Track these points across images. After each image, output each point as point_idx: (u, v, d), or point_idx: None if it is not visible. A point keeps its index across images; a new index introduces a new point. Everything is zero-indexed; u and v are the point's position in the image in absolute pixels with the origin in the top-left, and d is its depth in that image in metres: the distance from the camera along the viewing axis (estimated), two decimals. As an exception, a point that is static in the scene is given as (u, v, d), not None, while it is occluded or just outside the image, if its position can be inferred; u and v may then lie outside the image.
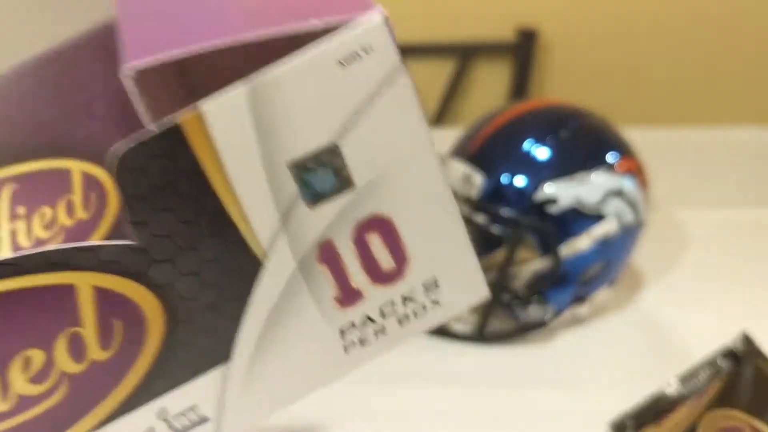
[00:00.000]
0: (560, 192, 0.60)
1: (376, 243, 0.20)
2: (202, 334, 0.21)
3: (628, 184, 0.62)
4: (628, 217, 0.62)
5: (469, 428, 0.55)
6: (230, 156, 0.18)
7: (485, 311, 0.64)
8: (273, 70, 0.17)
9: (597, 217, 0.61)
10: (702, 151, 1.14)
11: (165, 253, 0.19)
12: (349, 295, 0.21)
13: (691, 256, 0.80)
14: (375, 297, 0.21)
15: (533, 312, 0.64)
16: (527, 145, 0.62)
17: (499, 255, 0.68)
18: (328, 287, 0.21)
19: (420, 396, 0.59)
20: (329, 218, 0.20)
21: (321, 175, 0.19)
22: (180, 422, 0.22)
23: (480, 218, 0.62)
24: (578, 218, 0.60)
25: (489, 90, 1.53)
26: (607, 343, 0.64)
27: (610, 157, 0.62)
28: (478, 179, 0.61)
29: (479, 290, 0.22)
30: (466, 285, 0.22)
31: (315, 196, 0.19)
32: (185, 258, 0.19)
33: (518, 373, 0.61)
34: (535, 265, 0.63)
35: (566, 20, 1.41)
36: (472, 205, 0.62)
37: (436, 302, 0.22)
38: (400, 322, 0.22)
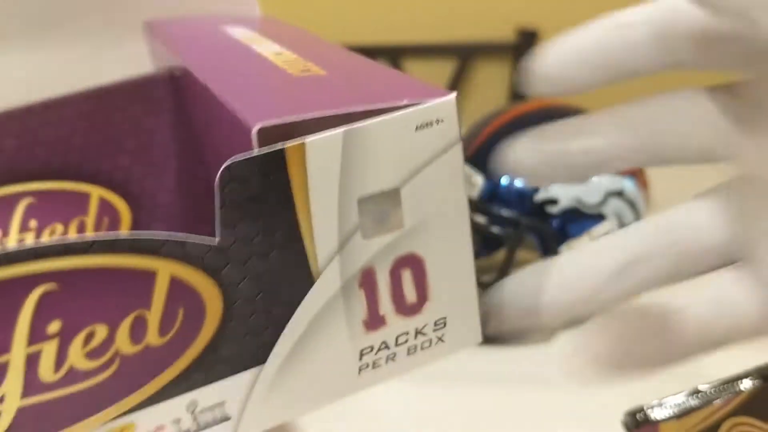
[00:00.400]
0: (560, 192, 0.61)
1: (407, 278, 0.24)
2: (248, 336, 0.23)
3: (628, 185, 0.63)
4: (629, 217, 0.64)
5: (469, 428, 0.55)
6: (315, 183, 0.22)
7: (485, 312, 0.64)
8: (366, 121, 0.22)
9: (597, 218, 0.62)
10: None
11: (241, 255, 0.22)
12: (375, 321, 0.25)
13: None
14: (395, 326, 0.25)
15: (534, 312, 0.64)
16: None
17: (499, 255, 0.69)
18: (360, 310, 0.24)
19: (419, 395, 0.58)
20: (376, 250, 0.24)
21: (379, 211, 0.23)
22: (204, 418, 0.24)
23: (480, 219, 0.62)
24: (578, 219, 0.61)
25: (489, 90, 1.53)
26: (607, 343, 0.66)
27: (611, 158, 0.64)
28: (479, 180, 0.62)
29: (476, 337, 0.27)
30: (467, 330, 0.26)
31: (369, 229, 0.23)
32: (256, 263, 0.22)
33: (518, 373, 0.62)
34: (536, 266, 0.64)
35: (566, 20, 1.46)
36: (473, 205, 0.62)
37: (441, 339, 0.26)
38: (408, 352, 0.26)
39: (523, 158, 0.25)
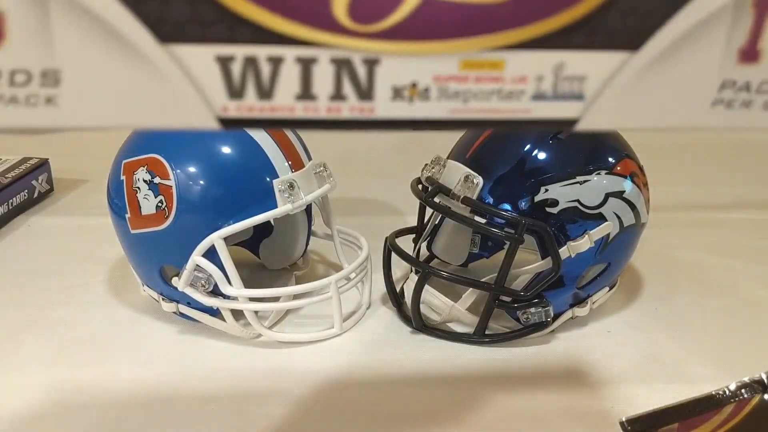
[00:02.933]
0: (560, 193, 0.60)
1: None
2: (632, 15, 0.22)
3: (628, 186, 0.63)
4: (629, 218, 0.63)
5: (469, 428, 0.53)
6: None
7: (486, 312, 0.63)
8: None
9: (597, 219, 0.61)
10: (702, 151, 1.17)
11: None
12: (749, 53, 0.23)
13: (691, 257, 0.82)
14: (764, 69, 0.23)
15: (533, 313, 0.62)
16: (528, 146, 0.61)
17: (499, 255, 0.68)
18: (742, 34, 0.22)
19: (420, 395, 0.57)
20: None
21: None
22: (562, 87, 0.23)
23: (480, 219, 0.61)
24: (579, 220, 0.60)
25: (490, 92, 1.52)
26: (607, 343, 0.65)
27: (611, 159, 0.63)
28: (479, 180, 0.61)
29: None
30: None
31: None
32: None
33: (518, 373, 0.60)
34: (536, 266, 0.62)
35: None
36: (473, 206, 0.61)
37: None
38: (765, 105, 0.24)
39: None
